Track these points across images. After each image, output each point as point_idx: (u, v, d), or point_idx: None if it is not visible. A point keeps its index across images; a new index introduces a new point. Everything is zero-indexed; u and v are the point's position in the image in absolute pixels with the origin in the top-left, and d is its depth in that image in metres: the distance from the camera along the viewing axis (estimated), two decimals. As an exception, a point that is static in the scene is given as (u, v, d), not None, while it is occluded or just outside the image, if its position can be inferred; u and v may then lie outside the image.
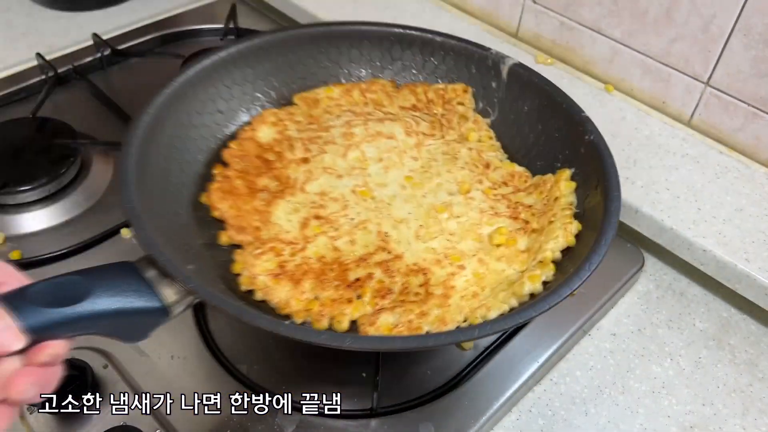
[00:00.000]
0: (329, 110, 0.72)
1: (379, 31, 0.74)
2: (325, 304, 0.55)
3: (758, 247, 0.69)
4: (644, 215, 0.73)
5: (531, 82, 0.69)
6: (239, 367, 0.62)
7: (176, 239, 0.56)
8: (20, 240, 0.73)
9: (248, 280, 0.57)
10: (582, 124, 0.64)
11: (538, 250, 0.58)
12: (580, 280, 0.50)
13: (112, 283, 0.45)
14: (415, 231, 0.60)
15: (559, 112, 0.67)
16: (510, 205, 0.64)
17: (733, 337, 0.70)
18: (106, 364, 0.61)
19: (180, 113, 0.65)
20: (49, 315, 0.41)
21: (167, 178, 0.62)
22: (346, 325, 0.55)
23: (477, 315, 0.54)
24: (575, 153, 0.64)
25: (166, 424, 0.58)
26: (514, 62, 0.71)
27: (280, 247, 0.59)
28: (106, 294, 0.44)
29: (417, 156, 0.67)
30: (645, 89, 0.87)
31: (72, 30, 1.02)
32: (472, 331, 0.49)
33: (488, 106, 0.73)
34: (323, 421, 0.59)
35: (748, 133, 0.79)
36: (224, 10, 1.05)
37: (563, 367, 0.67)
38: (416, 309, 0.54)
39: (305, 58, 0.74)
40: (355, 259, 0.58)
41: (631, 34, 0.84)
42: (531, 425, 0.62)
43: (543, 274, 0.56)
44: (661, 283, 0.75)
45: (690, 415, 0.63)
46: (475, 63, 0.72)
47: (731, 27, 0.75)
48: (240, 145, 0.68)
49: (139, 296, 0.45)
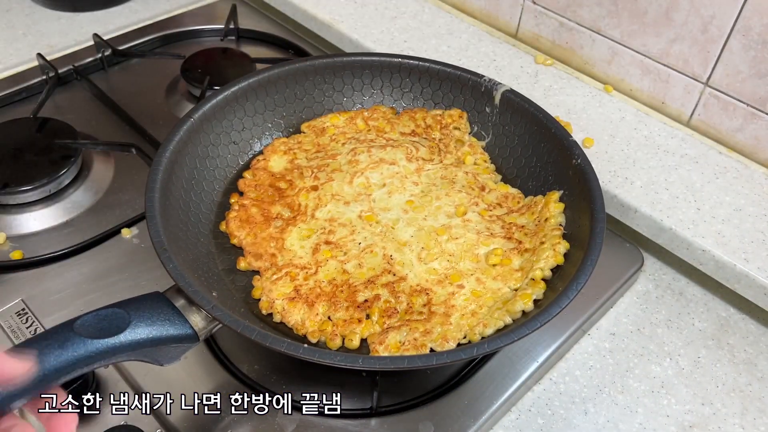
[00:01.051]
0: (335, 138, 0.78)
1: (380, 61, 0.79)
2: (337, 324, 0.60)
3: (757, 247, 0.69)
4: (643, 215, 0.73)
5: (522, 107, 0.73)
6: (239, 367, 0.63)
7: (199, 266, 0.61)
8: (21, 240, 0.73)
9: (267, 305, 0.62)
10: (570, 148, 0.67)
11: (531, 270, 0.62)
12: (568, 299, 0.54)
13: (148, 313, 0.49)
14: (418, 253, 0.65)
15: (549, 136, 0.70)
16: (504, 226, 0.68)
17: (732, 337, 0.71)
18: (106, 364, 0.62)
19: (197, 147, 0.69)
20: (95, 346, 0.45)
21: (188, 209, 0.66)
22: (357, 343, 0.59)
23: (476, 332, 0.58)
24: (564, 175, 0.68)
25: (166, 424, 0.58)
26: (506, 89, 0.74)
27: (294, 272, 0.63)
28: (144, 324, 0.48)
29: (417, 181, 0.72)
30: (644, 89, 0.87)
31: (73, 30, 1.02)
32: (471, 350, 0.53)
33: (482, 129, 0.77)
34: (323, 421, 0.59)
35: (747, 133, 0.79)
36: (224, 10, 1.05)
37: (563, 366, 0.67)
38: (421, 327, 0.58)
39: (311, 89, 0.79)
40: (363, 281, 0.63)
41: (631, 34, 0.85)
42: (531, 425, 0.62)
43: (534, 293, 0.60)
44: (660, 282, 0.75)
45: (689, 415, 0.63)
46: (469, 89, 0.77)
47: (730, 28, 0.75)
48: (254, 175, 0.73)
49: (172, 324, 0.50)
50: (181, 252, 0.59)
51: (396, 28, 0.98)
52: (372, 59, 0.79)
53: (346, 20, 0.98)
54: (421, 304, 0.61)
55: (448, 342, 0.57)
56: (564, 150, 0.68)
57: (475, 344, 0.53)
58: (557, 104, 0.86)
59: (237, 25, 1.05)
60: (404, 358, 0.54)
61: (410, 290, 0.62)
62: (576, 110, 0.86)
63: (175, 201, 0.64)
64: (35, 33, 1.01)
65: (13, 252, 0.71)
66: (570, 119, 0.84)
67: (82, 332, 0.45)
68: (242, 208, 0.69)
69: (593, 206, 0.61)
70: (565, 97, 0.88)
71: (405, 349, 0.57)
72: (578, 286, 0.55)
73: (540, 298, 0.60)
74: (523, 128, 0.73)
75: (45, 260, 0.70)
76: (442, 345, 0.57)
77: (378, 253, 0.65)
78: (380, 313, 0.60)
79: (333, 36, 0.99)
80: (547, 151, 0.71)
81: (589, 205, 0.62)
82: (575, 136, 0.70)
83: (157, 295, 0.52)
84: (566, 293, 0.54)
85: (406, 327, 0.58)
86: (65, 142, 0.80)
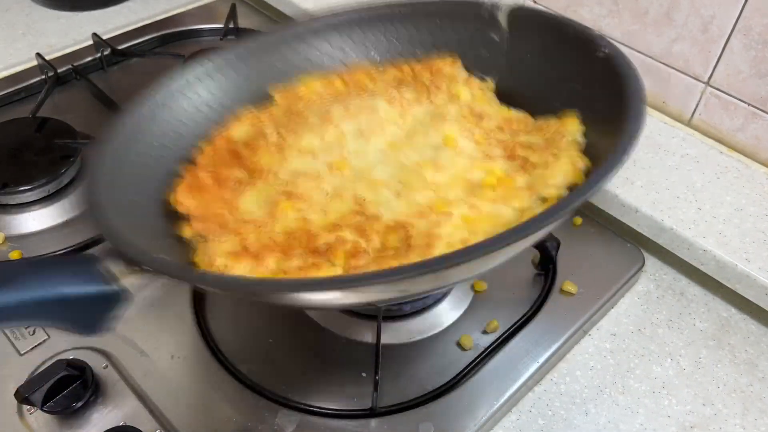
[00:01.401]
0: (312, 104, 0.65)
1: (369, 15, 0.69)
2: (289, 273, 0.48)
3: (758, 247, 0.69)
4: (644, 215, 0.73)
5: (535, 20, 0.63)
6: (239, 367, 0.62)
7: (145, 237, 0.51)
8: (20, 240, 0.73)
9: (206, 266, 0.50)
10: (593, 41, 0.56)
11: (542, 186, 0.50)
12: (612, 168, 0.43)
13: (57, 268, 0.43)
14: (396, 191, 0.53)
15: (570, 41, 0.59)
16: (506, 147, 0.57)
17: (733, 337, 0.70)
18: (106, 364, 0.61)
19: (162, 123, 0.62)
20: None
21: (143, 184, 0.58)
22: None
23: None
24: (593, 81, 0.56)
25: (166, 424, 0.58)
26: (512, 6, 0.64)
27: (244, 229, 0.53)
28: (39, 280, 0.41)
29: (401, 123, 0.61)
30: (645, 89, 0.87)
31: (72, 30, 1.02)
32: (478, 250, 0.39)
33: (493, 62, 0.65)
34: (323, 421, 0.59)
35: (748, 133, 0.79)
36: (224, 10, 1.05)
37: (563, 367, 0.67)
38: (393, 263, 0.46)
39: (291, 55, 0.69)
40: (325, 225, 0.51)
41: (631, 34, 0.84)
42: (531, 425, 0.62)
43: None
44: (661, 283, 0.75)
45: (690, 415, 0.63)
46: (471, 19, 0.66)
47: (731, 27, 0.75)
48: (211, 144, 0.63)
49: (85, 282, 0.43)
50: (127, 222, 0.50)
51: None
52: (360, 15, 0.68)
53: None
54: (398, 240, 0.49)
55: None
56: (588, 46, 0.56)
57: (488, 240, 0.39)
58: (558, 104, 0.86)
59: (237, 25, 1.04)
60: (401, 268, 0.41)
61: (384, 229, 0.50)
62: (576, 110, 0.85)
63: (129, 176, 0.56)
64: (34, 32, 1.01)
65: (12, 252, 0.71)
66: (570, 119, 0.84)
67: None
68: (193, 176, 0.59)
69: (629, 93, 0.50)
70: (566, 96, 0.87)
71: None
72: (623, 155, 0.43)
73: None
74: (540, 44, 0.62)
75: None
76: None
77: (348, 197, 0.53)
78: (345, 256, 0.48)
79: (333, 36, 0.98)
80: (570, 60, 0.59)
81: (625, 98, 0.50)
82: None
83: (79, 255, 0.46)
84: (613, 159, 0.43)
85: (375, 265, 0.47)
86: (65, 142, 0.80)
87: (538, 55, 0.63)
